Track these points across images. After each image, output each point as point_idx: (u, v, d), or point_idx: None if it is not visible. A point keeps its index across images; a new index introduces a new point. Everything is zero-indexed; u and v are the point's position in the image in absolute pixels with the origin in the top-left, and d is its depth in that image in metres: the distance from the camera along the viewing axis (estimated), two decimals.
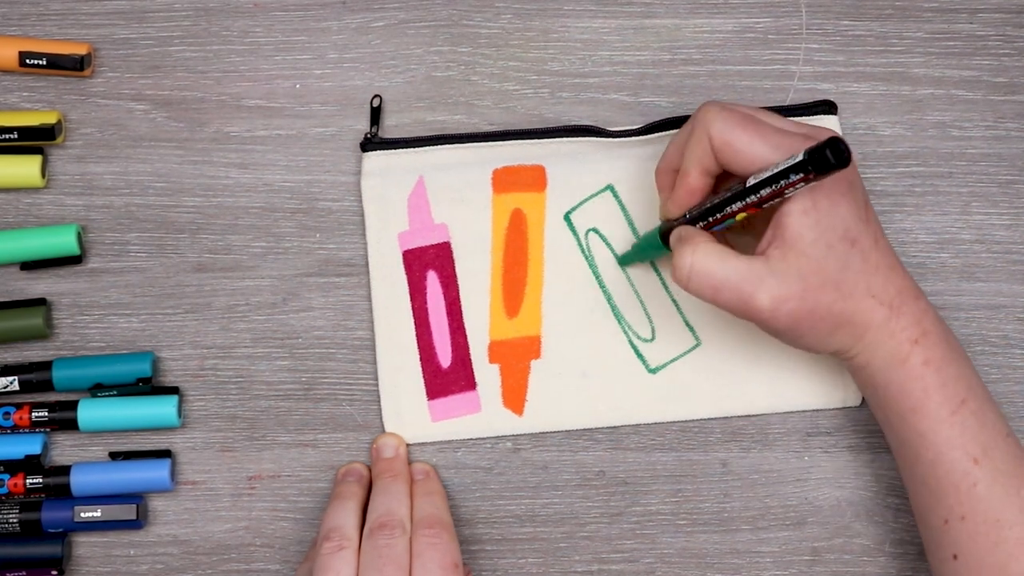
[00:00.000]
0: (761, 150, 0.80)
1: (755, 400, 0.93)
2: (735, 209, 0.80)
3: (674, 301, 0.93)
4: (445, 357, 0.92)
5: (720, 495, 0.93)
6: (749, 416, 0.93)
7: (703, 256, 0.80)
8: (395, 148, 0.93)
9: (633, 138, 0.93)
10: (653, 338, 0.93)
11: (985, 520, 0.81)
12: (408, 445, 0.92)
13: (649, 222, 0.93)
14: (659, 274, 0.93)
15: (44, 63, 0.93)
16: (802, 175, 0.75)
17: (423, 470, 0.91)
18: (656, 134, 0.93)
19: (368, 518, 0.86)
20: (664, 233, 0.86)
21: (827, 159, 0.74)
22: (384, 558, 0.83)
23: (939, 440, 0.82)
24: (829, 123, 0.93)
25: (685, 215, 0.84)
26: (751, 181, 0.79)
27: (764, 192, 0.78)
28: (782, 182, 0.77)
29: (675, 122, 0.93)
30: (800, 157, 0.75)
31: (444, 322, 0.93)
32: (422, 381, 0.92)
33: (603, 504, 0.93)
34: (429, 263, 0.93)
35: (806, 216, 0.79)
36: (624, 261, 0.93)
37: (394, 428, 0.92)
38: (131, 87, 0.95)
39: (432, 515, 0.86)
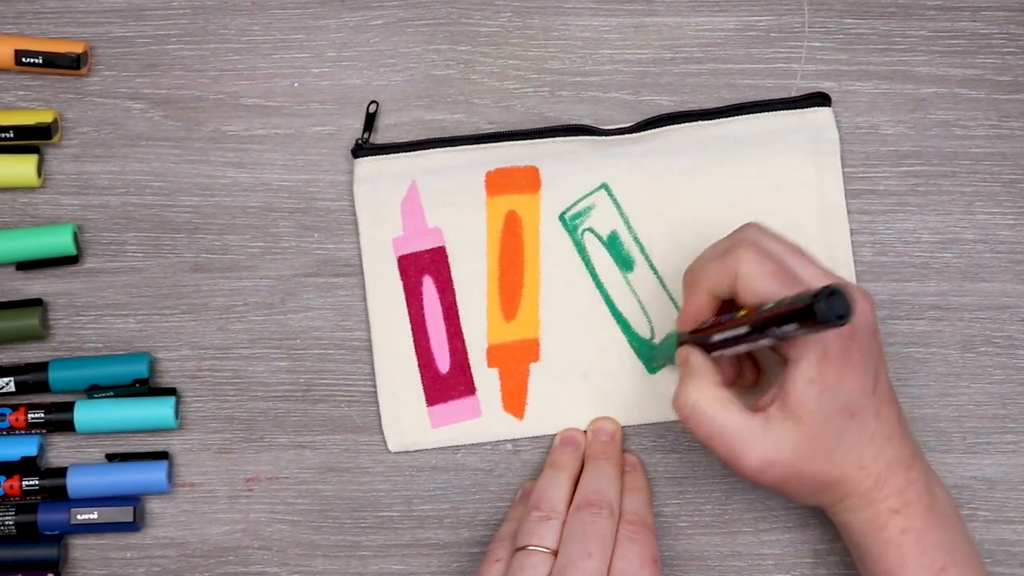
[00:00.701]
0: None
1: (756, 400, 0.91)
2: (739, 346, 0.80)
3: (672, 300, 0.93)
4: (443, 362, 0.92)
5: (722, 497, 0.93)
6: None
7: (707, 401, 0.81)
8: (386, 153, 0.93)
9: (626, 136, 0.93)
10: (653, 337, 0.92)
11: None
12: (408, 452, 0.93)
13: (644, 220, 0.92)
14: (657, 273, 0.93)
15: (40, 62, 0.93)
16: (796, 324, 0.74)
17: (632, 462, 0.92)
18: (650, 131, 0.93)
19: (578, 494, 0.87)
20: (679, 340, 0.86)
21: (816, 315, 0.72)
22: (589, 533, 0.84)
23: None
24: (823, 115, 0.93)
25: (695, 331, 0.84)
26: (755, 318, 0.78)
27: (765, 336, 0.77)
28: (779, 330, 0.76)
29: (668, 119, 0.93)
30: (795, 303, 0.74)
31: (441, 327, 0.92)
32: (421, 387, 0.92)
33: None
34: (424, 268, 0.92)
35: (810, 386, 0.79)
36: (652, 369, 0.93)
37: (393, 435, 0.92)
38: (128, 86, 0.95)
39: (636, 511, 0.87)
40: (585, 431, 0.92)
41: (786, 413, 0.80)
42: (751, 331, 0.78)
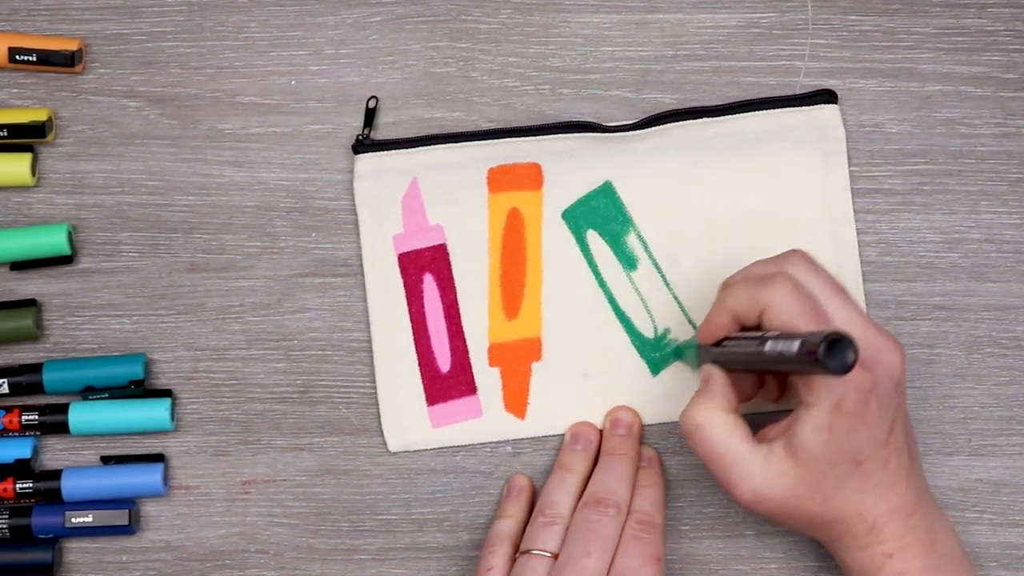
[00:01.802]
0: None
1: (759, 400, 0.91)
2: (754, 364, 0.80)
3: (676, 299, 0.92)
4: (444, 362, 0.92)
5: (724, 500, 0.92)
6: (753, 418, 0.90)
7: (713, 423, 0.81)
8: (387, 149, 0.92)
9: (630, 132, 0.92)
10: (656, 337, 0.92)
11: None
12: (409, 452, 0.92)
13: (648, 218, 0.92)
14: (660, 272, 0.92)
15: (34, 59, 0.92)
16: (799, 366, 0.74)
17: (649, 457, 0.91)
18: (653, 128, 0.92)
19: (587, 490, 0.88)
20: (700, 348, 0.86)
21: (819, 361, 0.72)
22: (592, 532, 0.85)
23: None
24: (829, 113, 0.92)
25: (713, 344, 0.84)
26: (767, 347, 0.77)
27: (777, 365, 0.78)
28: (781, 365, 0.76)
29: (673, 116, 0.92)
30: (801, 347, 0.74)
31: (442, 326, 0.92)
32: (421, 387, 0.92)
33: None
34: (425, 266, 0.92)
35: (818, 434, 0.79)
36: (676, 353, 0.92)
37: (393, 435, 0.92)
38: (123, 83, 0.94)
39: (644, 510, 0.87)
40: (601, 427, 0.92)
41: (789, 452, 0.80)
42: (760, 363, 0.78)
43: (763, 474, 0.80)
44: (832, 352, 0.71)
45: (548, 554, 0.85)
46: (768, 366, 0.79)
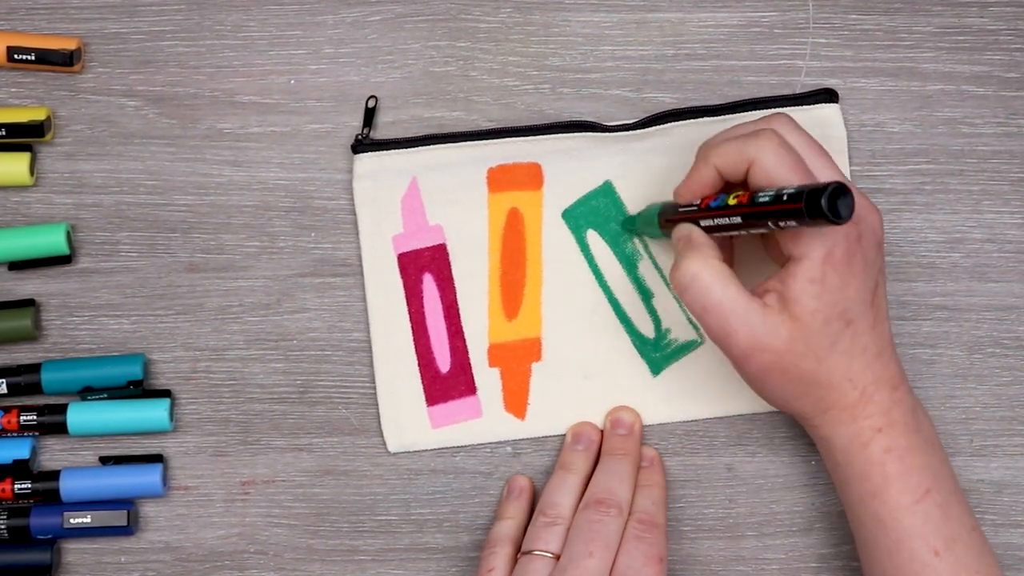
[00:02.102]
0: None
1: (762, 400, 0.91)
2: (733, 225, 0.80)
3: (677, 298, 0.92)
4: (444, 362, 0.92)
5: (725, 500, 0.92)
6: (755, 419, 0.93)
7: (708, 271, 0.81)
8: (387, 149, 0.92)
9: (630, 132, 0.92)
10: (656, 337, 0.92)
11: None
12: (408, 452, 0.92)
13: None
14: (661, 272, 0.92)
15: (33, 58, 0.92)
16: (794, 219, 0.75)
17: (650, 457, 0.91)
18: (653, 127, 0.92)
19: (588, 491, 0.88)
20: (663, 214, 0.86)
21: (820, 209, 0.73)
22: (594, 532, 0.85)
23: (899, 528, 0.82)
24: (831, 112, 0.92)
25: (692, 205, 0.84)
26: (759, 198, 0.78)
27: (759, 227, 0.78)
28: (776, 222, 0.76)
29: (673, 115, 0.92)
30: (791, 193, 0.75)
31: (442, 326, 0.92)
32: (421, 387, 0.92)
33: None
34: (425, 266, 0.92)
35: (811, 285, 0.79)
36: (625, 225, 0.92)
37: (392, 435, 0.92)
38: (122, 83, 0.94)
39: (646, 509, 0.87)
40: (602, 427, 0.92)
41: (783, 307, 0.80)
42: (745, 221, 0.78)
43: (761, 324, 0.80)
44: (835, 200, 0.72)
45: (550, 555, 0.85)
46: (746, 226, 0.79)
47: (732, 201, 0.80)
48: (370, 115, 0.92)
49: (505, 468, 0.92)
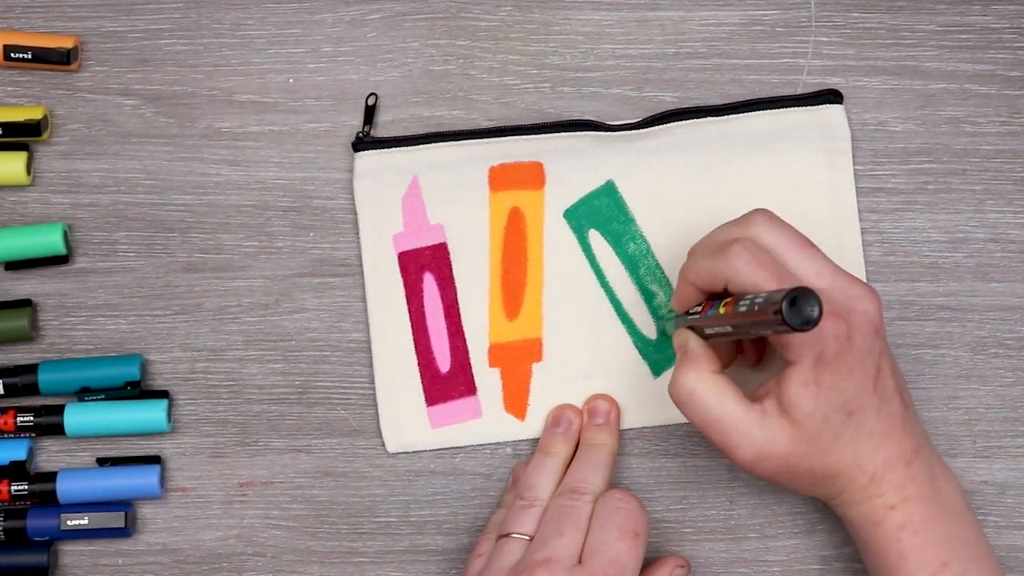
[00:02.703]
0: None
1: None
2: (728, 333, 0.80)
3: None
4: (444, 362, 0.92)
5: (726, 502, 0.92)
6: None
7: (704, 389, 0.81)
8: (388, 147, 0.92)
9: (633, 131, 0.92)
10: (658, 338, 0.92)
11: None
12: (407, 452, 0.92)
13: (651, 218, 0.92)
14: (662, 272, 0.92)
15: (29, 57, 0.92)
16: (770, 328, 0.74)
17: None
18: (656, 127, 0.92)
19: (564, 481, 0.87)
20: (678, 320, 0.86)
21: (785, 320, 0.72)
22: (565, 515, 0.84)
23: None
24: (835, 113, 0.92)
25: (695, 313, 0.84)
26: (739, 307, 0.78)
27: (750, 333, 0.78)
28: (758, 330, 0.76)
29: (676, 115, 0.92)
30: (760, 303, 0.74)
31: (442, 325, 0.92)
32: (420, 387, 0.92)
33: None
34: (425, 265, 0.92)
35: (805, 389, 0.79)
36: (658, 370, 0.92)
37: (392, 435, 0.92)
38: (119, 81, 0.94)
39: (625, 491, 0.86)
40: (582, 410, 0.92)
41: (782, 411, 0.80)
42: (735, 329, 0.78)
43: (761, 433, 0.80)
44: (796, 307, 0.71)
45: (526, 537, 0.84)
46: (744, 332, 0.79)
47: (721, 310, 0.79)
48: (370, 113, 0.92)
49: (505, 470, 0.92)
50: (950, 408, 0.92)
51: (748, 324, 0.76)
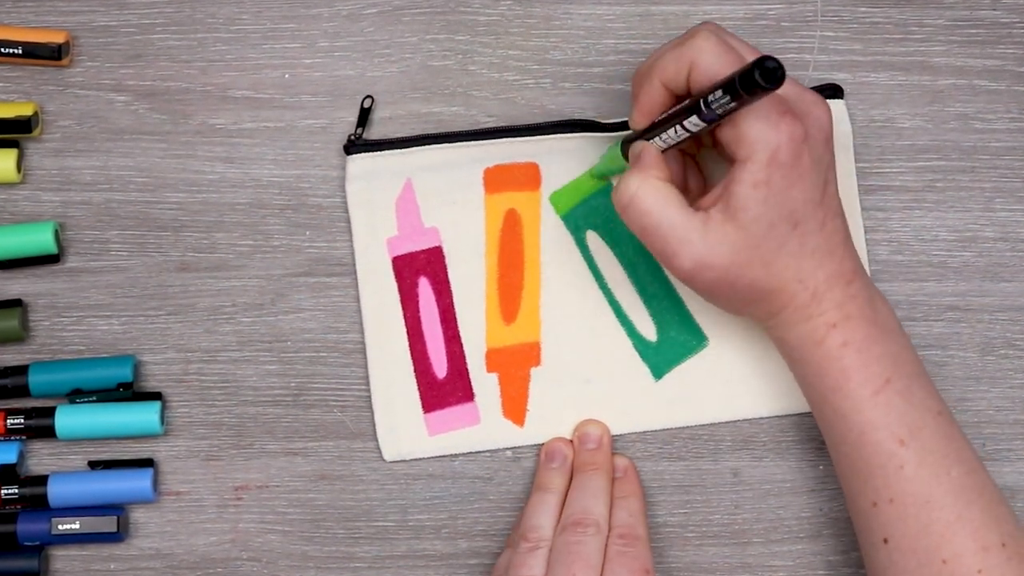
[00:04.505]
0: None
1: (768, 402, 0.91)
2: (680, 130, 0.80)
3: (680, 299, 0.91)
4: (440, 367, 0.91)
5: (731, 506, 0.92)
6: (761, 422, 0.92)
7: (647, 191, 0.81)
8: (380, 150, 0.92)
9: (631, 131, 0.91)
10: (658, 340, 0.91)
11: (915, 502, 0.81)
12: (408, 460, 0.92)
13: None
14: (662, 272, 0.91)
15: (20, 52, 0.92)
16: (730, 97, 0.74)
17: (623, 467, 0.91)
18: None
19: (564, 512, 0.87)
20: (625, 144, 0.85)
21: (754, 79, 0.72)
22: (573, 555, 0.84)
23: (861, 420, 0.82)
24: (836, 108, 0.91)
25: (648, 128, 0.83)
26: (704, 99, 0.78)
27: (705, 112, 0.77)
28: (713, 104, 0.76)
29: (676, 114, 0.90)
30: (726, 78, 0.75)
31: (438, 330, 0.91)
32: (417, 393, 0.92)
33: None
34: (420, 269, 0.91)
35: (755, 190, 0.78)
36: (596, 173, 0.91)
37: (388, 444, 0.92)
38: (111, 77, 0.93)
39: (626, 523, 0.87)
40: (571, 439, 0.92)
41: (728, 215, 0.79)
42: (688, 109, 0.78)
43: (703, 241, 0.79)
44: (764, 71, 0.72)
45: None
46: (693, 121, 0.78)
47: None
48: (365, 115, 0.92)
49: (505, 473, 0.92)
50: (959, 410, 0.91)
51: (704, 104, 0.76)
